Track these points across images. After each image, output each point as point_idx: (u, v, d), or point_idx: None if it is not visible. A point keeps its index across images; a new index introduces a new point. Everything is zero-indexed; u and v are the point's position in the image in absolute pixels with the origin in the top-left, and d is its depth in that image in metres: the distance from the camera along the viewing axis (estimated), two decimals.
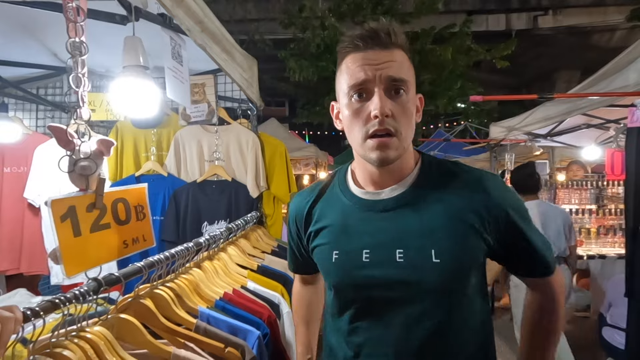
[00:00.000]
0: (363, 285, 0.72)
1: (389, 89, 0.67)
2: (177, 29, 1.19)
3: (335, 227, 0.77)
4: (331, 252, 0.75)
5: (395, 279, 0.69)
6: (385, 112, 0.66)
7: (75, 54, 0.76)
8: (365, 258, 0.71)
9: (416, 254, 0.69)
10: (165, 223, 1.95)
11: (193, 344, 0.89)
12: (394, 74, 0.67)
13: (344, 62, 0.71)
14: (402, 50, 0.70)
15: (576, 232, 3.46)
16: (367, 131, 0.68)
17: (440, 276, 0.68)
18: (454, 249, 0.68)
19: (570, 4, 9.37)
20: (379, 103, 0.66)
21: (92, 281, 0.73)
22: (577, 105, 2.37)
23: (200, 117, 2.04)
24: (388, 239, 0.71)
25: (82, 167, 0.75)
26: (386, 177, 0.74)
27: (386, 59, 0.67)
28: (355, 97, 0.69)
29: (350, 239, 0.74)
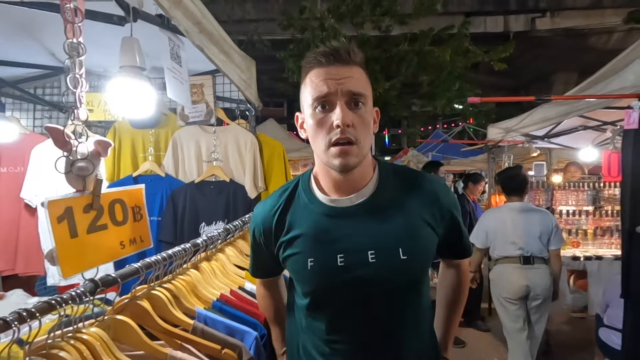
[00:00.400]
0: (340, 288, 0.78)
1: (350, 101, 0.74)
2: (175, 30, 1.19)
3: (307, 235, 0.80)
4: (306, 260, 0.79)
5: (370, 278, 0.76)
6: (346, 121, 0.72)
7: (73, 55, 0.75)
8: (340, 262, 0.77)
9: (386, 254, 0.76)
10: (163, 224, 1.95)
11: (190, 345, 0.89)
12: (353, 88, 0.74)
13: (307, 76, 0.77)
14: (360, 67, 0.77)
15: (573, 234, 3.49)
16: (330, 139, 0.74)
17: (409, 271, 0.78)
18: (417, 246, 0.79)
19: (568, 6, 9.42)
20: (340, 114, 0.72)
21: (89, 282, 0.73)
22: (575, 107, 2.38)
23: (198, 117, 2.04)
24: (359, 242, 0.77)
25: (79, 168, 0.75)
26: (348, 183, 0.80)
27: (346, 74, 0.74)
28: (319, 108, 0.75)
29: (323, 245, 0.79)
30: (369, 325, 0.80)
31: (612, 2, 9.07)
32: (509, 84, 11.85)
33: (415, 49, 6.68)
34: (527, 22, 9.84)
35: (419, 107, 8.32)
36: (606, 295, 2.41)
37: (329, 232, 0.79)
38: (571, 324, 3.35)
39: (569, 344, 3.23)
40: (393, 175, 0.85)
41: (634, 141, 1.76)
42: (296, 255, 0.81)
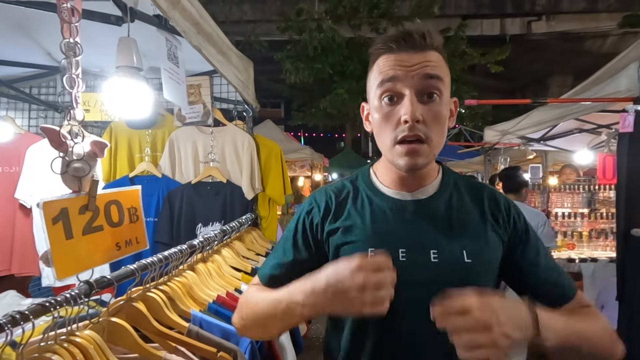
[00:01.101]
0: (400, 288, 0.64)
1: (421, 92, 0.65)
2: (172, 31, 1.19)
3: (369, 225, 0.73)
4: (365, 250, 0.70)
5: (431, 280, 0.67)
6: (416, 117, 0.63)
7: (70, 55, 0.75)
8: (402, 258, 0.69)
9: (449, 254, 0.69)
10: (159, 224, 1.94)
11: (185, 348, 0.88)
12: (429, 71, 0.65)
13: (375, 63, 0.69)
14: (437, 52, 0.67)
15: (569, 236, 3.50)
16: (396, 136, 0.66)
17: (472, 276, 0.68)
18: (482, 250, 0.70)
19: (563, 10, 9.51)
20: (409, 107, 0.63)
21: (84, 284, 0.72)
22: (570, 110, 2.40)
23: (195, 118, 2.03)
24: (422, 239, 0.70)
25: (75, 169, 0.74)
26: (414, 181, 0.74)
27: (420, 60, 0.65)
28: (386, 100, 0.67)
29: (385, 237, 0.71)
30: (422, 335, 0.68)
31: (607, 6, 9.17)
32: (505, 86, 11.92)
33: None
34: (523, 25, 9.92)
35: None
36: (601, 297, 2.43)
37: (391, 226, 0.72)
38: None
39: None
40: (456, 178, 0.79)
41: (629, 144, 1.77)
42: (354, 243, 0.72)
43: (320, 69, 6.52)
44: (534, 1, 9.55)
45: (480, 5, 9.66)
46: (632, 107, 1.77)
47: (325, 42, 6.49)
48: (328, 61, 6.58)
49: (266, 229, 2.17)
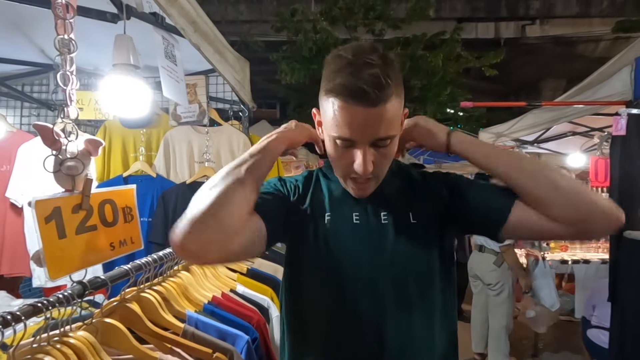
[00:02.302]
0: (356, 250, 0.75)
1: (376, 144, 0.68)
2: (169, 29, 1.18)
3: (327, 198, 0.78)
4: (323, 215, 0.76)
5: (382, 240, 0.74)
6: (368, 170, 0.68)
7: (64, 52, 0.74)
8: (355, 219, 0.75)
9: (397, 215, 0.75)
10: (154, 225, 1.92)
11: (180, 349, 0.87)
12: (381, 135, 0.66)
13: (329, 100, 0.66)
14: (393, 98, 0.65)
15: None
16: (347, 173, 0.72)
17: (420, 238, 0.75)
18: (427, 211, 0.77)
19: (557, 14, 9.61)
20: (361, 163, 0.67)
21: (77, 284, 0.71)
22: (564, 113, 2.42)
23: (191, 117, 2.02)
24: (373, 205, 0.76)
25: (69, 167, 0.73)
26: None
27: (374, 117, 0.64)
28: (340, 143, 0.69)
29: (341, 206, 0.77)
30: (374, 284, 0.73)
31: (599, 11, 9.29)
32: (499, 89, 12.02)
33: (407, 53, 6.74)
34: (517, 29, 10.01)
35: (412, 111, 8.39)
36: (594, 297, 2.45)
37: (346, 198, 0.77)
38: (559, 327, 3.39)
39: (557, 346, 3.27)
40: (403, 167, 0.86)
41: (622, 147, 1.79)
42: (314, 212, 0.77)
43: (316, 69, 6.52)
44: (528, 5, 9.65)
45: (475, 9, 9.73)
46: (624, 110, 1.79)
47: (320, 43, 6.50)
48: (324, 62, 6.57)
49: None
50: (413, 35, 6.74)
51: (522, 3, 9.65)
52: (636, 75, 1.79)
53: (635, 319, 1.65)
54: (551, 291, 2.86)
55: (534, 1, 9.57)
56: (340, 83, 0.63)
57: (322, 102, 0.71)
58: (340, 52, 0.67)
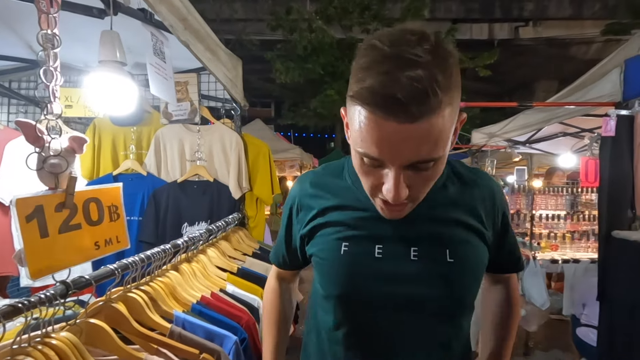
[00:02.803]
0: (375, 285, 0.66)
1: (411, 167, 0.53)
2: (158, 25, 1.16)
3: (345, 212, 0.68)
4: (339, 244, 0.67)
5: (411, 277, 0.64)
6: (401, 198, 0.54)
7: (47, 47, 0.72)
8: (378, 253, 0.65)
9: (431, 252, 0.65)
10: (144, 224, 1.90)
11: (167, 349, 0.86)
12: (422, 157, 0.51)
13: (356, 107, 0.51)
14: (443, 108, 0.48)
15: (552, 237, 3.57)
16: (375, 194, 0.59)
17: (455, 278, 0.65)
18: (467, 251, 0.66)
19: (550, 16, 9.71)
20: (392, 189, 0.53)
21: (60, 284, 0.69)
22: (555, 113, 2.45)
23: (182, 115, 2.00)
24: (400, 234, 0.65)
25: (52, 165, 0.71)
26: None
27: (413, 135, 0.48)
28: (366, 161, 0.55)
29: (361, 230, 0.67)
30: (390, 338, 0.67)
31: (592, 14, 9.40)
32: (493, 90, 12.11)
33: None
34: (511, 30, 10.10)
35: None
36: (584, 295, 2.48)
37: (368, 217, 0.66)
38: (550, 325, 3.42)
39: (548, 344, 3.31)
40: (454, 169, 0.73)
41: (611, 148, 1.81)
42: (328, 230, 0.68)
43: (310, 69, 6.52)
44: (522, 7, 9.74)
45: (469, 10, 9.80)
46: (614, 111, 1.81)
47: (316, 42, 6.49)
48: (319, 61, 6.58)
49: (254, 228, 2.15)
50: None
51: (516, 5, 9.73)
52: (625, 77, 1.81)
53: (623, 318, 1.67)
54: (541, 290, 2.89)
55: (528, 3, 9.66)
56: (368, 87, 0.47)
57: (348, 104, 0.56)
58: (375, 40, 0.49)
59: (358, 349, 0.69)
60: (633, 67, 1.77)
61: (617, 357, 1.71)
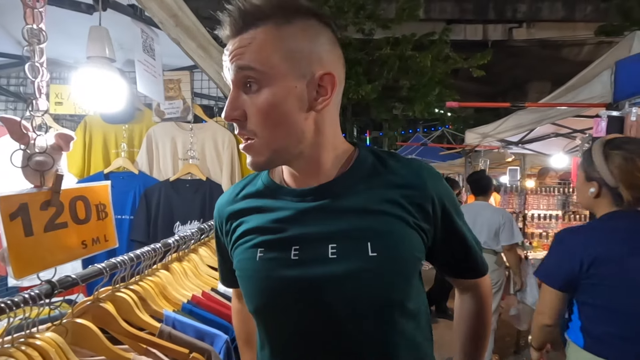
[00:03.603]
0: (293, 290, 0.60)
1: (240, 82, 0.56)
2: (149, 22, 1.15)
3: (258, 220, 0.65)
4: (255, 251, 0.63)
5: (330, 279, 0.58)
6: (228, 115, 0.57)
7: (33, 42, 0.71)
8: (294, 255, 0.60)
9: (351, 248, 0.59)
10: (135, 222, 1.88)
11: (156, 349, 0.85)
12: (240, 63, 0.55)
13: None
14: (266, 24, 0.55)
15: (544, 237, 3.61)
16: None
17: (381, 273, 0.59)
18: (393, 242, 0.60)
19: (543, 18, 9.80)
20: (226, 104, 0.57)
21: (45, 284, 0.68)
22: (547, 114, 2.47)
23: (174, 113, 1.98)
24: (316, 232, 0.60)
25: (37, 163, 0.70)
26: (305, 174, 0.64)
27: (237, 46, 0.55)
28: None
29: (274, 233, 0.62)
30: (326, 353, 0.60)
31: (584, 16, 9.51)
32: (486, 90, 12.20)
33: (397, 53, 6.78)
34: (504, 31, 10.17)
35: (400, 111, 8.47)
36: None
37: (281, 219, 0.63)
38: None
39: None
40: (375, 161, 0.66)
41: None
42: (245, 244, 0.65)
43: None
44: (516, 8, 9.82)
45: (464, 11, 9.85)
46: (604, 112, 1.83)
47: None
48: None
49: None
50: (402, 36, 6.79)
51: (510, 6, 9.81)
52: (616, 79, 1.83)
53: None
54: (533, 290, 2.92)
55: (521, 4, 9.74)
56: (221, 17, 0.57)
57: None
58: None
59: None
60: (623, 69, 1.79)
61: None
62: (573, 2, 9.47)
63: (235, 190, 0.73)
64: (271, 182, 0.68)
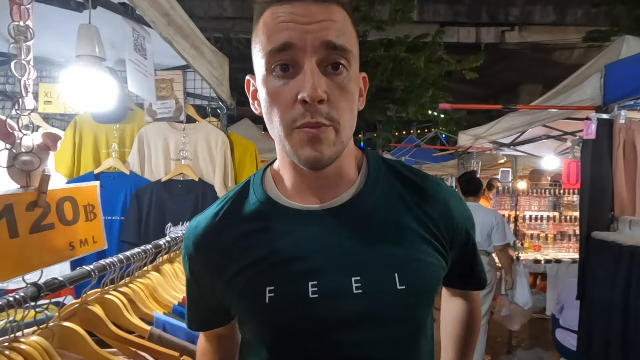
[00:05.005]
0: (313, 330, 0.52)
1: (324, 61, 0.48)
2: (140, 20, 1.13)
3: (263, 254, 0.54)
4: (262, 291, 0.53)
5: (355, 316, 0.52)
6: (318, 95, 0.47)
7: (20, 39, 0.69)
8: (312, 293, 0.52)
9: (377, 281, 0.53)
10: (126, 223, 1.86)
11: (145, 352, 0.84)
12: (333, 39, 0.47)
13: (261, 18, 0.50)
14: (343, 8, 0.50)
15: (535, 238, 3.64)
16: (293, 120, 0.49)
17: (409, 307, 0.54)
18: (420, 273, 0.55)
19: (535, 21, 9.93)
20: (310, 81, 0.46)
21: (31, 286, 0.67)
22: (538, 116, 2.49)
23: (167, 113, 1.96)
24: (338, 264, 0.53)
25: (23, 162, 0.68)
26: (320, 185, 0.56)
27: (321, 16, 0.47)
28: (278, 71, 0.49)
29: (287, 267, 0.53)
30: None
31: (574, 20, 9.66)
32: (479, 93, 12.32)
33: (390, 55, 6.82)
34: (497, 34, 10.28)
35: (394, 112, 8.51)
36: (561, 297, 2.53)
37: (294, 249, 0.54)
38: (532, 324, 3.49)
39: (530, 343, 3.37)
40: (387, 172, 0.60)
41: (592, 151, 1.85)
42: (247, 286, 0.54)
43: None
44: (508, 12, 9.93)
45: (457, 14, 9.94)
46: (594, 115, 1.85)
47: None
48: None
49: None
50: (396, 37, 6.82)
51: (502, 9, 9.92)
52: (605, 82, 1.85)
53: (601, 317, 1.71)
54: (525, 290, 2.95)
55: (513, 8, 9.86)
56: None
57: (253, 45, 0.54)
58: None
59: None
60: (612, 72, 1.82)
61: (595, 357, 1.75)
62: (564, 7, 9.61)
63: (213, 216, 0.59)
64: (269, 199, 0.57)
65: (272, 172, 0.62)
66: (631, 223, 1.70)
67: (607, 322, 1.66)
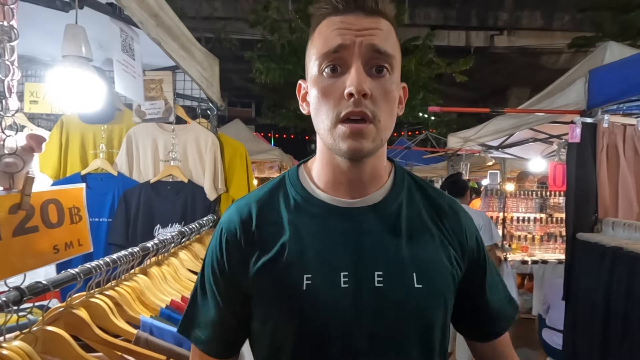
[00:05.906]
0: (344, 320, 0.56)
1: (370, 63, 0.55)
2: (128, 20, 1.12)
3: (301, 242, 0.59)
4: (300, 277, 0.56)
5: (374, 310, 0.56)
6: (363, 89, 0.53)
7: (3, 39, 0.68)
8: (343, 283, 0.56)
9: (397, 277, 0.57)
10: (114, 225, 1.83)
11: (132, 356, 0.83)
12: (378, 44, 0.55)
13: (317, 27, 0.58)
14: (388, 21, 0.58)
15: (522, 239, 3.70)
16: (338, 113, 0.55)
17: (424, 306, 0.57)
18: (437, 275, 0.59)
19: (523, 26, 10.13)
20: (356, 78, 0.53)
21: (13, 290, 0.65)
22: (525, 120, 2.54)
23: (156, 114, 1.94)
24: (365, 258, 0.58)
25: (6, 164, 0.67)
26: (355, 179, 0.60)
27: (370, 25, 0.55)
28: (327, 71, 0.56)
29: (322, 257, 0.58)
30: None
31: (561, 25, 9.87)
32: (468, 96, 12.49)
33: None
34: (486, 38, 10.45)
35: None
36: (547, 297, 2.58)
37: (329, 241, 0.59)
38: (519, 324, 3.54)
39: (517, 342, 3.42)
40: (411, 182, 0.67)
41: (577, 154, 1.90)
42: (285, 270, 0.57)
43: (291, 70, 6.50)
44: (497, 16, 10.10)
45: (447, 17, 10.08)
46: (579, 119, 1.90)
47: (297, 43, 6.49)
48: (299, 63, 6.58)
49: None
50: None
51: (492, 14, 10.09)
52: (589, 87, 1.90)
53: (585, 317, 1.75)
54: (512, 290, 2.99)
55: (502, 13, 10.03)
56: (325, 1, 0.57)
57: (308, 51, 0.61)
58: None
59: None
60: (596, 77, 1.86)
61: (580, 356, 1.78)
62: (551, 12, 9.81)
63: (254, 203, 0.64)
64: (305, 192, 0.63)
65: (306, 169, 0.67)
66: (614, 224, 1.75)
67: (590, 321, 1.69)
